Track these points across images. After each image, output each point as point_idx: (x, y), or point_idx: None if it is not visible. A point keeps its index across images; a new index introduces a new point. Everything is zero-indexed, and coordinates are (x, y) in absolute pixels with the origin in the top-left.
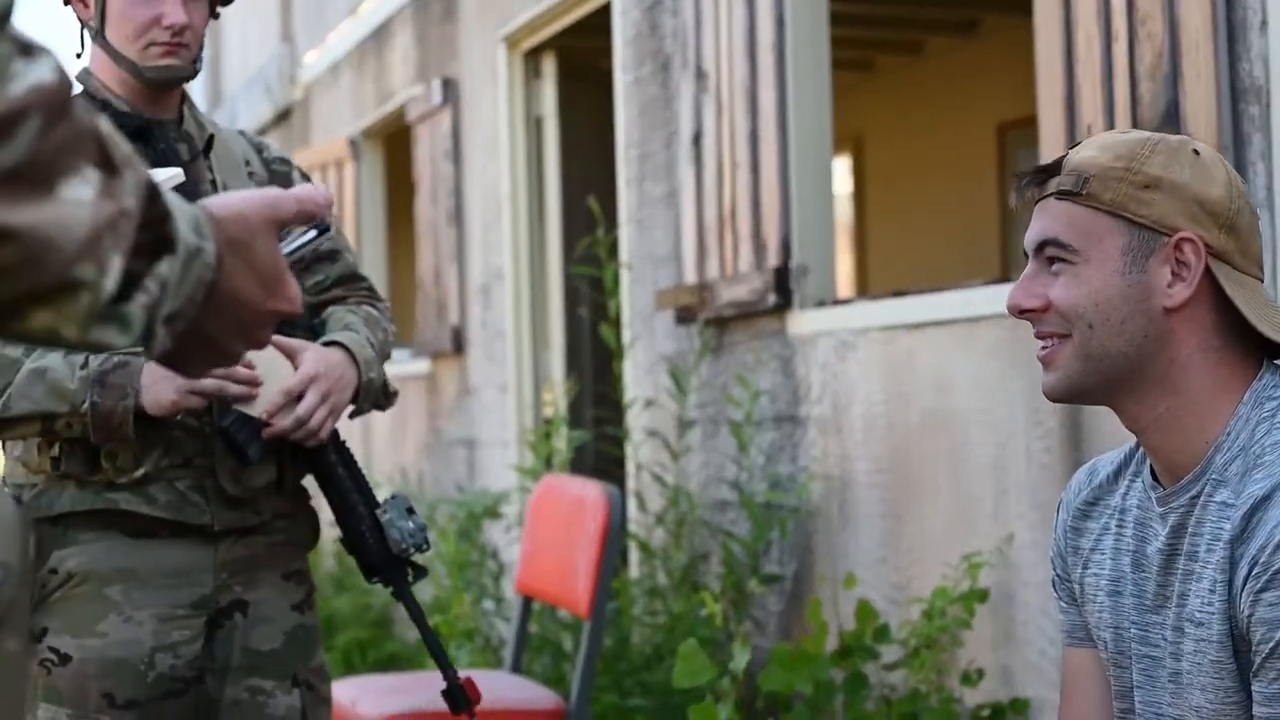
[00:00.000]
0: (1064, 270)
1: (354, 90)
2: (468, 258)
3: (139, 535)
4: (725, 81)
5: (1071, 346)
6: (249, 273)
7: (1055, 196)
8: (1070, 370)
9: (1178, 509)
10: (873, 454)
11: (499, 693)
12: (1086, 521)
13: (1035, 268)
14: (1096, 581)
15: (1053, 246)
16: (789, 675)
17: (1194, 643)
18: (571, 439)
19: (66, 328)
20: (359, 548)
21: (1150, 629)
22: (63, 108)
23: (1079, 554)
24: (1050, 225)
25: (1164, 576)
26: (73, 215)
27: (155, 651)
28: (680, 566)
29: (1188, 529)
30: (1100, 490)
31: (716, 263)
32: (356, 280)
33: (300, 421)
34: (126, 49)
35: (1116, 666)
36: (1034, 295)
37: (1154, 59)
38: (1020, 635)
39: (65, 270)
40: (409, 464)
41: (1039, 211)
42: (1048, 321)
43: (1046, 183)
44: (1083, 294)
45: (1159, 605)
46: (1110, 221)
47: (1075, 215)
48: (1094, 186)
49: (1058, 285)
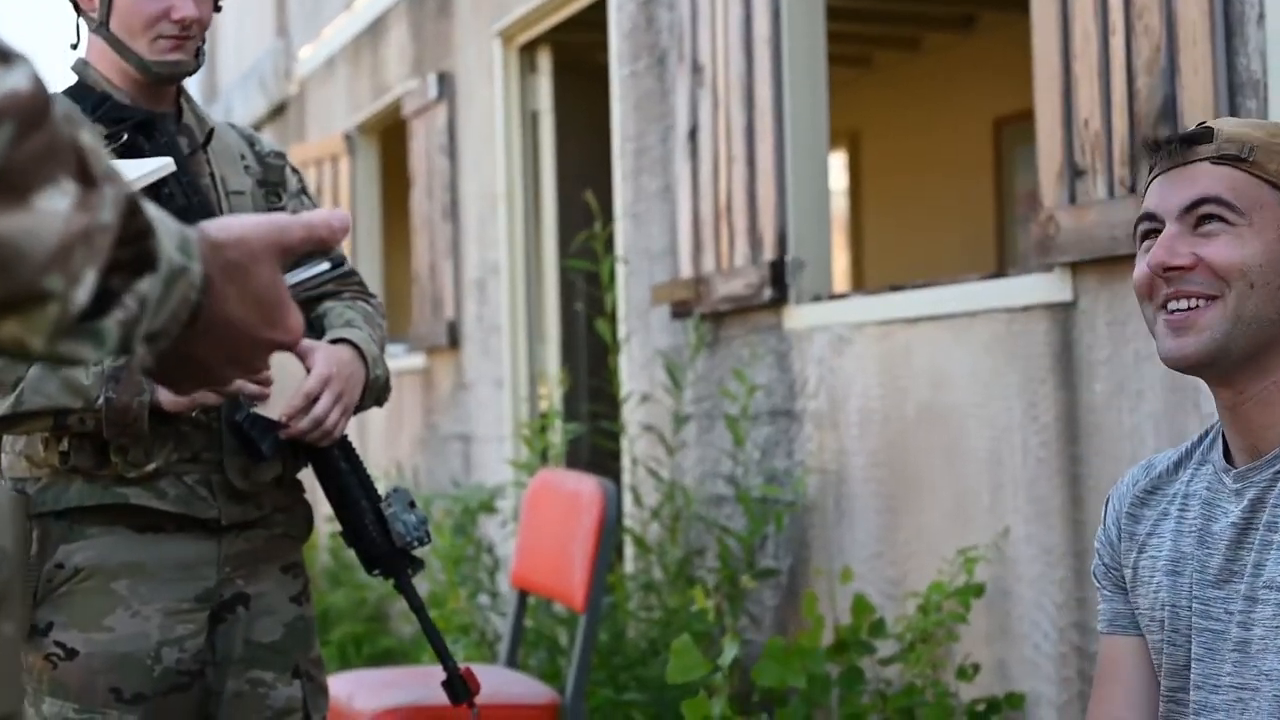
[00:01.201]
0: (1223, 230)
1: (349, 85)
2: (463, 252)
3: (145, 530)
4: (721, 76)
5: (1221, 307)
6: (245, 300)
7: (1213, 161)
8: (1217, 332)
9: (1258, 483)
10: (869, 448)
11: (494, 687)
12: (1144, 509)
13: (1178, 229)
14: (1153, 564)
15: (1214, 204)
16: (783, 670)
17: (1274, 607)
18: (566, 433)
19: (33, 339)
20: (362, 540)
21: (1213, 604)
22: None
23: (1134, 539)
24: (1209, 185)
25: (1234, 550)
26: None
27: (161, 646)
28: (675, 561)
29: (1267, 502)
30: (1159, 480)
31: (712, 257)
32: (348, 275)
33: (317, 422)
34: (133, 42)
35: (1171, 645)
36: (1182, 254)
37: (1151, 53)
38: (1016, 630)
39: (33, 280)
40: (404, 459)
41: (1181, 176)
42: (1194, 281)
43: (1194, 149)
44: (1249, 253)
45: (1224, 580)
46: (1272, 192)
47: (1239, 180)
48: (1260, 156)
49: (1216, 244)
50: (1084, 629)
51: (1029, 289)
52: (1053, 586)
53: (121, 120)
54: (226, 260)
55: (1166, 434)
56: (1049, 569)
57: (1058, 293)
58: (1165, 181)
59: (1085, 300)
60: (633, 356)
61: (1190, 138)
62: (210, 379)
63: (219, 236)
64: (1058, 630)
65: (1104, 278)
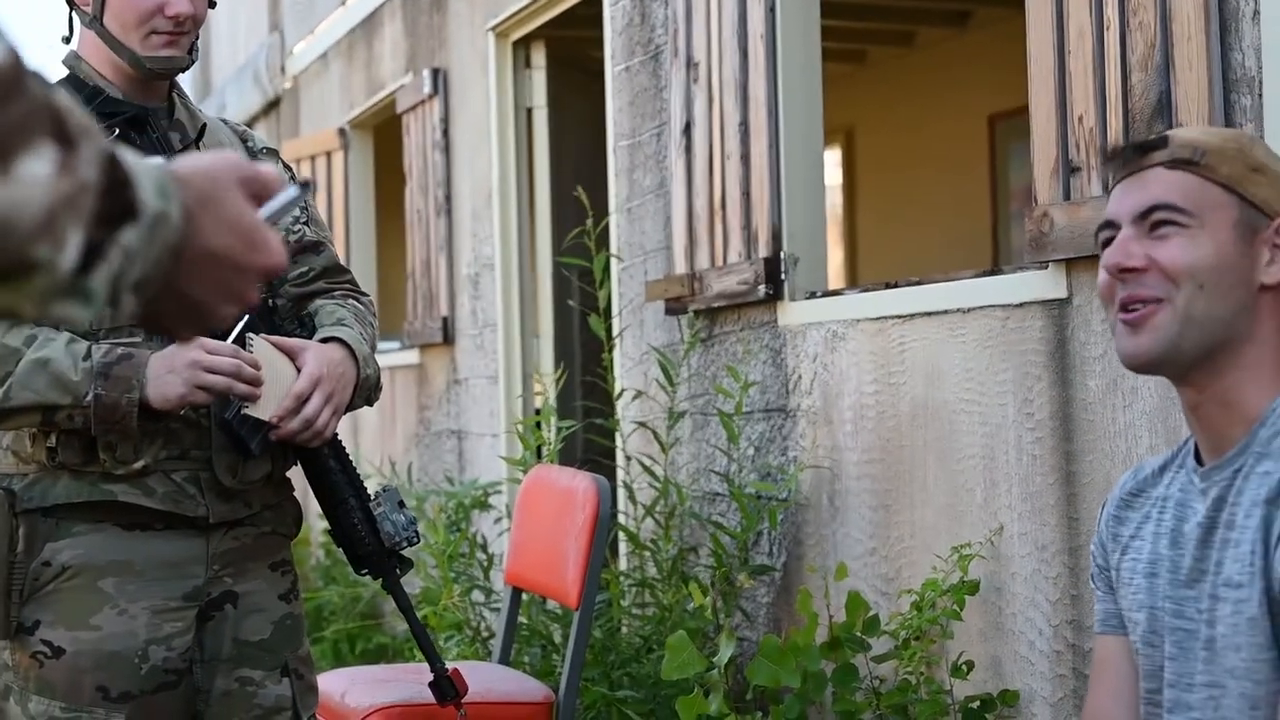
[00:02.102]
0: (1175, 233)
1: (343, 80)
2: (457, 248)
3: (133, 527)
4: (716, 72)
5: (1171, 309)
6: (222, 227)
7: (1167, 166)
8: (1169, 333)
9: (1219, 482)
10: (863, 445)
11: (488, 684)
12: (1129, 512)
13: (1134, 232)
14: (1134, 566)
15: (1166, 210)
16: (777, 667)
17: (1232, 605)
18: (560, 430)
19: (24, 306)
20: (350, 540)
21: (1185, 603)
22: (14, 84)
23: (1119, 541)
24: (1164, 190)
25: (1201, 550)
26: (28, 195)
27: (149, 644)
28: (670, 558)
29: (1228, 501)
30: (1144, 483)
31: (706, 253)
32: (340, 273)
33: (307, 423)
34: (126, 37)
35: (1148, 646)
36: (1136, 255)
37: (1146, 49)
38: (1010, 627)
39: (22, 251)
40: (398, 455)
41: (1138, 182)
42: (1146, 283)
43: (1149, 155)
44: (1198, 255)
45: (1194, 580)
46: (1223, 195)
47: (1190, 184)
48: (1211, 160)
49: (1168, 246)
50: (1078, 626)
51: (1023, 285)
52: (1047, 583)
53: (113, 115)
54: (199, 193)
55: (1161, 431)
56: (1043, 566)
57: (1052, 289)
58: (1122, 188)
59: (1080, 297)
60: (627, 353)
61: (1145, 145)
62: (205, 317)
63: (187, 173)
64: (1052, 627)
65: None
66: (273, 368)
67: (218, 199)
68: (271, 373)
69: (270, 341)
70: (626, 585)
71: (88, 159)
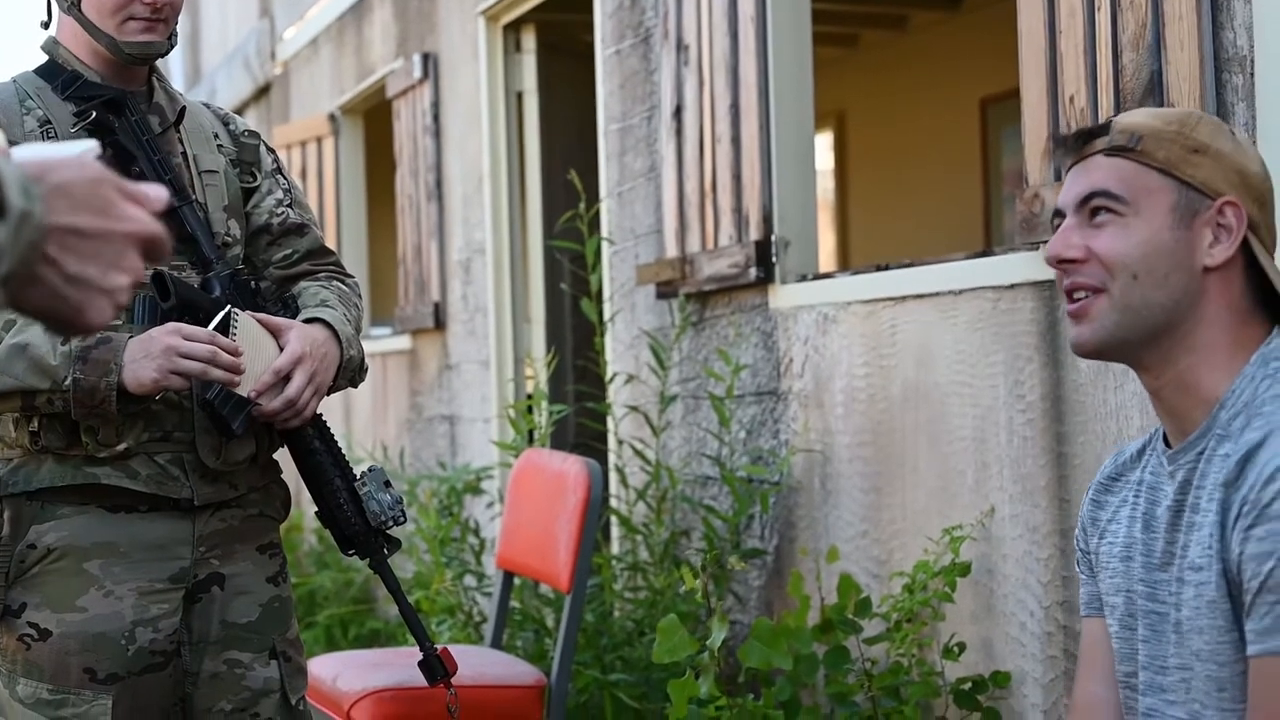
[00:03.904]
0: (1111, 222)
1: (333, 65)
2: (448, 233)
3: (118, 510)
4: (706, 54)
5: (1109, 299)
6: (78, 205)
7: (1105, 153)
8: (1107, 322)
9: (1185, 465)
10: (854, 428)
11: (480, 668)
12: (1107, 496)
13: (1076, 221)
14: (1111, 550)
15: (1102, 198)
16: (769, 650)
17: (1194, 588)
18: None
19: None
20: (336, 520)
21: (1158, 586)
22: None
23: (1097, 525)
24: (1100, 178)
25: (1171, 533)
26: None
27: (135, 626)
28: (661, 542)
29: (1193, 484)
30: (1123, 468)
31: (698, 237)
32: (325, 255)
33: (289, 403)
34: (104, 22)
35: (1125, 629)
36: (1074, 246)
37: (1137, 29)
38: (1001, 609)
39: None
40: (390, 440)
41: (1081, 169)
42: (1085, 273)
43: (1091, 143)
44: (1131, 244)
45: (1165, 563)
46: (1160, 179)
47: (1126, 170)
48: (1147, 144)
49: (1103, 236)
50: (1069, 608)
51: (1014, 267)
52: (1038, 565)
53: (91, 98)
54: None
55: (1151, 413)
56: (1034, 548)
57: (1043, 271)
58: (1070, 176)
59: None
60: (618, 337)
61: (1089, 133)
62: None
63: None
64: (1043, 609)
65: None
66: (257, 345)
67: (69, 181)
68: (255, 350)
69: (255, 319)
70: (618, 569)
71: None
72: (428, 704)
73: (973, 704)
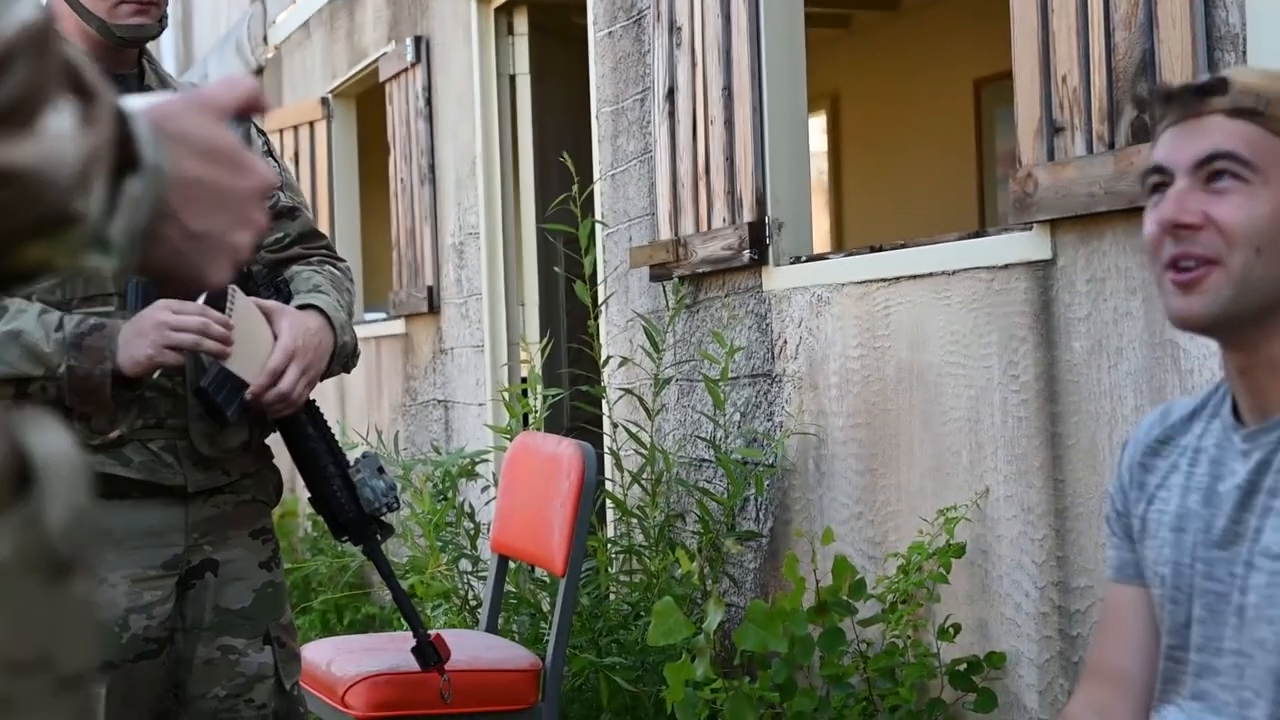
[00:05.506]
0: (1236, 189)
1: (326, 49)
2: (441, 217)
3: (111, 497)
4: (699, 36)
5: (1224, 272)
6: (201, 157)
7: (1227, 114)
8: (1221, 296)
9: (1264, 445)
10: (848, 409)
11: (475, 652)
12: (1155, 459)
13: (1189, 184)
14: (1160, 518)
15: (1227, 160)
16: (765, 632)
17: (1267, 575)
18: (546, 398)
19: (59, 258)
20: (329, 507)
21: (1216, 565)
22: (46, 43)
23: (1144, 490)
24: (1224, 140)
25: (1239, 513)
26: (60, 149)
27: (129, 613)
28: (656, 525)
29: (1272, 466)
30: (1173, 430)
31: (691, 219)
32: (316, 238)
33: (282, 395)
34: (95, 5)
35: (1172, 603)
36: (1191, 211)
37: (1130, 7)
38: (996, 590)
39: (63, 204)
40: (384, 425)
41: (1195, 129)
42: (1199, 242)
43: (1207, 100)
44: (1258, 215)
45: (1228, 542)
46: None
47: (1253, 135)
48: (1277, 109)
49: (1226, 203)
50: (1064, 588)
51: (1008, 247)
52: (1033, 546)
53: None
54: (173, 131)
55: (1146, 391)
56: (1029, 528)
57: (1036, 250)
58: (1176, 133)
59: (1064, 258)
60: (612, 319)
61: (1204, 88)
62: (218, 248)
63: (158, 114)
64: (1038, 589)
65: (1083, 235)
66: (250, 325)
67: (189, 133)
68: (248, 329)
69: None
70: (613, 552)
71: (105, 112)
72: (422, 689)
73: (968, 685)
